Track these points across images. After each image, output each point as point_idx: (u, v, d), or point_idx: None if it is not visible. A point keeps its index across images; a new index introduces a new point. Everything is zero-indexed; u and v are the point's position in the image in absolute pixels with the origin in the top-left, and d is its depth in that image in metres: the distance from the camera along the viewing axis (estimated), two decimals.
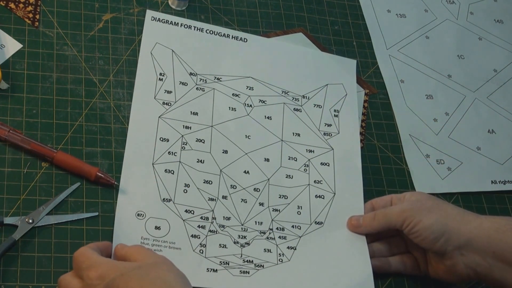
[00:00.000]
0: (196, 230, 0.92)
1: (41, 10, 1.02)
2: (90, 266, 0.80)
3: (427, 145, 1.09)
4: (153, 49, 1.03)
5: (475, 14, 1.25)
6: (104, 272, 0.79)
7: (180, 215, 0.92)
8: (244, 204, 0.95)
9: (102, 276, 0.78)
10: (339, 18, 1.17)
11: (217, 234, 0.93)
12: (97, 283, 0.78)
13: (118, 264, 0.80)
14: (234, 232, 0.93)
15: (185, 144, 0.97)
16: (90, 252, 0.82)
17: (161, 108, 0.99)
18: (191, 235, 0.91)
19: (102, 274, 0.78)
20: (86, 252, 0.82)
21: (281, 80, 1.06)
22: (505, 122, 1.15)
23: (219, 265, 0.90)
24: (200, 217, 0.93)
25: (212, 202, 0.94)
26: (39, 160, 0.92)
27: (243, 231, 0.93)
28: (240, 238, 0.93)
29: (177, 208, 0.93)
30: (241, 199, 0.96)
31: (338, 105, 1.07)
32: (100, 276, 0.78)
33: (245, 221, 0.94)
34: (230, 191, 0.96)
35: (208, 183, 0.96)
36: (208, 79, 1.03)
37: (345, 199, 0.99)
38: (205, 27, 1.07)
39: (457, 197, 1.06)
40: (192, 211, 0.93)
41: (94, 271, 0.79)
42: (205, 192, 0.95)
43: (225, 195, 0.95)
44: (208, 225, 0.93)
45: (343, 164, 1.02)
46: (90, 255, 0.81)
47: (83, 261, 0.81)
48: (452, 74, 1.17)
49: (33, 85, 0.97)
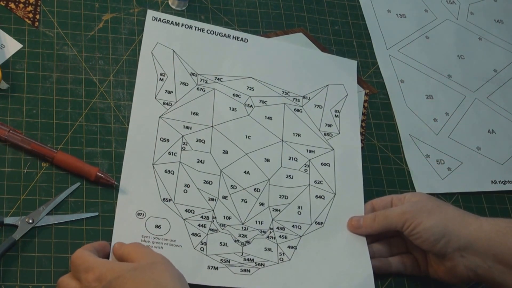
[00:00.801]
0: (196, 229, 0.92)
1: (41, 10, 1.02)
2: (87, 268, 0.80)
3: (427, 145, 1.09)
4: (154, 49, 1.03)
5: (475, 14, 1.25)
6: (101, 274, 0.79)
7: (180, 215, 0.92)
8: (245, 204, 0.95)
9: (99, 279, 0.79)
10: (339, 18, 1.17)
11: (218, 232, 0.93)
12: (94, 286, 0.79)
13: (114, 266, 0.80)
14: (234, 231, 0.93)
15: (185, 144, 0.97)
16: (87, 254, 0.82)
17: (162, 108, 0.99)
18: (192, 233, 0.91)
19: (99, 276, 0.79)
20: (82, 255, 0.82)
21: (281, 81, 1.06)
22: (505, 122, 1.15)
23: (220, 262, 0.90)
24: (200, 216, 0.93)
25: (212, 202, 0.94)
26: (39, 160, 0.92)
27: (243, 230, 0.94)
28: (241, 236, 0.93)
29: (177, 207, 0.93)
30: (241, 199, 0.96)
31: (339, 106, 1.07)
32: (97, 278, 0.79)
33: (245, 221, 0.94)
34: (230, 191, 0.96)
35: (208, 183, 0.96)
36: (208, 79, 1.03)
37: (346, 199, 0.99)
38: (206, 27, 1.07)
39: (457, 197, 1.06)
40: (192, 211, 0.93)
41: (91, 274, 0.79)
42: (205, 192, 0.95)
43: (225, 195, 0.95)
44: (209, 224, 0.93)
45: (343, 165, 1.02)
46: (87, 258, 0.81)
47: (80, 264, 0.81)
48: (452, 74, 1.17)
49: (33, 85, 0.97)
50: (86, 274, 0.80)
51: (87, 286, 0.79)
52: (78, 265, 0.81)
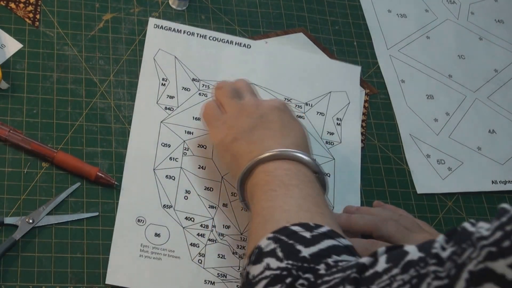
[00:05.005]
0: (195, 239, 0.92)
1: (42, 10, 1.02)
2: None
3: (428, 145, 1.09)
4: (156, 55, 1.02)
5: (475, 14, 1.25)
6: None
7: (180, 222, 0.92)
8: (244, 213, 0.94)
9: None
10: (339, 18, 1.16)
11: (216, 243, 0.92)
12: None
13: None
14: (233, 242, 0.93)
15: (186, 149, 0.97)
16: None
17: (163, 113, 0.99)
18: (191, 243, 0.91)
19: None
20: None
21: (284, 87, 1.05)
22: (506, 122, 1.15)
23: (217, 277, 0.90)
24: (200, 224, 0.93)
25: (212, 209, 0.94)
26: (40, 160, 0.92)
27: (242, 240, 0.93)
28: (239, 248, 0.92)
29: (178, 215, 0.92)
30: (241, 207, 0.95)
31: (341, 114, 1.06)
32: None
33: (244, 230, 0.94)
34: (231, 199, 0.95)
35: (209, 190, 0.95)
36: (210, 85, 1.02)
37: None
38: (208, 34, 1.06)
39: (458, 197, 1.06)
40: (192, 219, 0.93)
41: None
42: (206, 199, 0.94)
43: (226, 203, 0.95)
44: (208, 234, 0.92)
45: (342, 176, 1.01)
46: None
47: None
48: (452, 74, 1.17)
49: (33, 85, 0.97)
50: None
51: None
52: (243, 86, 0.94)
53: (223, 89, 0.93)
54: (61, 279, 0.85)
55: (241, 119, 0.88)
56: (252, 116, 0.88)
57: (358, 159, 1.04)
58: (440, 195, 1.05)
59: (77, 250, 0.88)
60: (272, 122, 0.87)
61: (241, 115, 0.89)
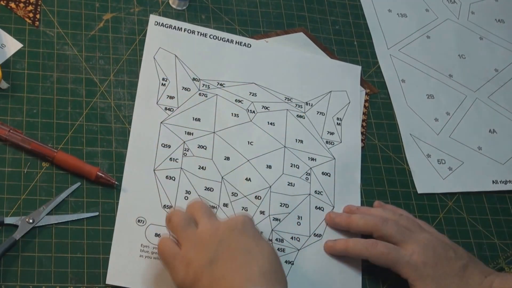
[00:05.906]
0: None
1: (42, 9, 1.02)
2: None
3: (428, 145, 1.09)
4: (156, 54, 1.02)
5: (476, 13, 1.25)
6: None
7: None
8: (245, 212, 0.94)
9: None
10: (340, 18, 1.16)
11: None
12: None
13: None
14: None
15: (187, 150, 0.97)
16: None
17: (163, 114, 0.98)
18: None
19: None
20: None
21: (284, 87, 1.05)
22: (506, 122, 1.15)
23: None
24: None
25: (213, 210, 0.94)
26: (40, 160, 0.92)
27: None
28: None
29: None
30: (242, 207, 0.95)
31: (341, 113, 1.06)
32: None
33: None
34: (231, 199, 0.95)
35: (209, 190, 0.95)
36: (211, 84, 1.02)
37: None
38: (208, 32, 1.06)
39: (458, 197, 1.06)
40: None
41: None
42: (206, 199, 0.94)
43: (226, 203, 0.95)
44: None
45: (343, 176, 1.01)
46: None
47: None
48: (453, 73, 1.17)
49: (33, 84, 0.97)
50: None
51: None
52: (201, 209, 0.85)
53: (173, 221, 0.84)
54: (61, 279, 0.85)
55: (199, 253, 0.80)
56: (211, 245, 0.80)
57: (358, 159, 1.04)
58: (440, 195, 1.05)
59: (77, 250, 0.88)
60: (234, 249, 0.80)
61: (198, 247, 0.81)
